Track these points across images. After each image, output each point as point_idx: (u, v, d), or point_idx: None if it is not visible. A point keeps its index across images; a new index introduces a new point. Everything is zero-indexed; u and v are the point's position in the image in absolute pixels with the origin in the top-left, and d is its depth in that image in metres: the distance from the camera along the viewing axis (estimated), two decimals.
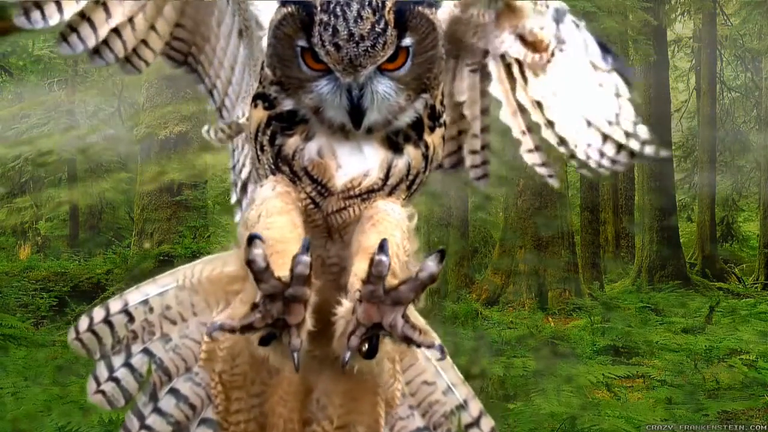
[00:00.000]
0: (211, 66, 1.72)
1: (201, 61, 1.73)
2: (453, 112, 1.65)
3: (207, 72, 1.74)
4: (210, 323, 1.30)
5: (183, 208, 10.54)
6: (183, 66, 1.73)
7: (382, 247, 1.20)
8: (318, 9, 1.33)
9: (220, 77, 1.73)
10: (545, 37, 1.58)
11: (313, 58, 1.36)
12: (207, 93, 1.77)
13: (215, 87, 1.75)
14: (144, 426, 1.53)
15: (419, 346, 1.23)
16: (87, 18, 1.52)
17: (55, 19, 1.47)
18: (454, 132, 1.67)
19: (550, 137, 1.63)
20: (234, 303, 1.45)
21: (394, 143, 1.43)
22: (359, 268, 1.30)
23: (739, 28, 17.20)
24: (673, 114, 17.53)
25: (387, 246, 1.21)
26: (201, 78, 1.75)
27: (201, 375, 1.53)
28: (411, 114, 1.42)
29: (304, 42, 1.35)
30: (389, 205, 1.43)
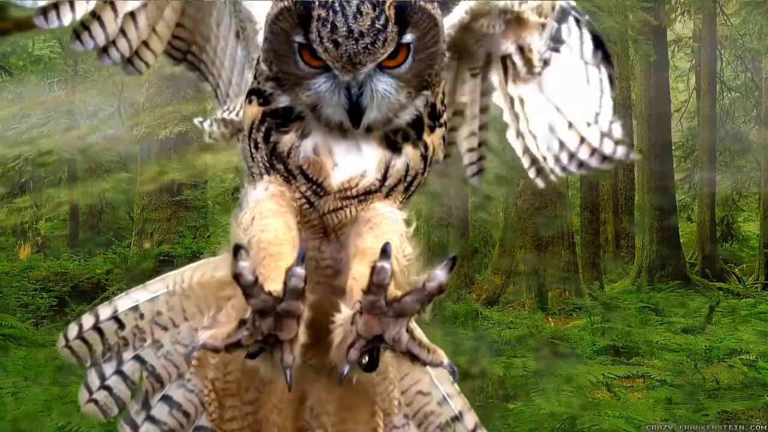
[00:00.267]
0: (213, 65, 1.70)
1: (203, 60, 1.71)
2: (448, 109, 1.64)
3: (210, 71, 1.71)
4: (191, 343, 1.27)
5: (183, 208, 10.54)
6: (184, 63, 1.71)
7: (384, 253, 1.13)
8: (316, 4, 1.28)
9: (221, 77, 1.70)
10: (535, 58, 1.58)
11: (311, 54, 1.31)
12: (212, 91, 1.75)
13: (218, 86, 1.72)
14: None
15: (426, 364, 1.16)
16: (98, 17, 1.52)
17: (68, 19, 1.48)
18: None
19: (520, 143, 1.66)
20: (224, 311, 1.42)
21: (392, 142, 1.39)
22: (357, 271, 1.26)
23: (739, 28, 17.20)
24: (673, 114, 17.53)
25: (390, 251, 1.13)
26: (204, 76, 1.73)
27: (194, 381, 1.50)
28: (411, 112, 1.38)
29: (301, 38, 1.30)
30: (387, 208, 1.38)
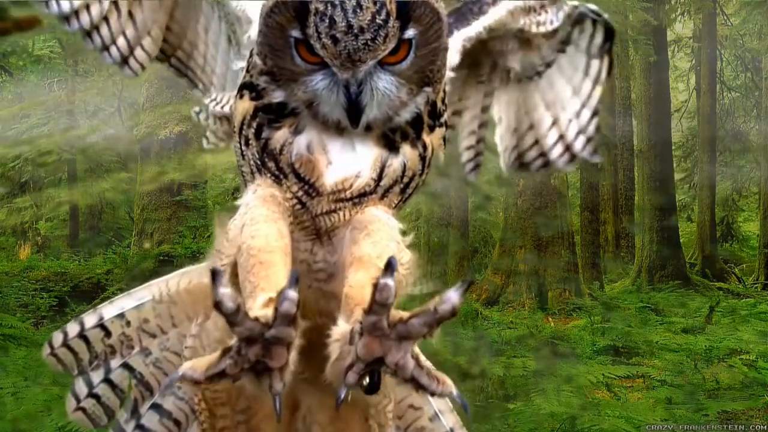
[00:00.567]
0: (204, 72, 1.65)
1: (190, 67, 1.65)
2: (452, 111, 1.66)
3: (199, 78, 1.66)
4: (169, 375, 1.23)
5: (183, 208, 10.54)
6: (171, 69, 1.67)
7: (388, 268, 1.04)
8: None
9: (213, 84, 1.65)
10: (539, 65, 1.64)
11: (308, 50, 1.25)
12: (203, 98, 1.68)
13: (210, 93, 1.66)
14: None
15: (434, 395, 1.08)
16: (105, 17, 1.53)
17: (65, 7, 1.51)
18: None
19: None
20: (213, 318, 1.35)
21: (390, 141, 1.33)
22: (354, 279, 1.20)
23: (739, 28, 17.20)
24: (673, 114, 17.52)
25: (394, 265, 1.04)
26: (194, 83, 1.68)
27: (184, 389, 1.46)
28: (412, 109, 1.32)
29: (297, 33, 1.24)
30: (383, 214, 1.33)
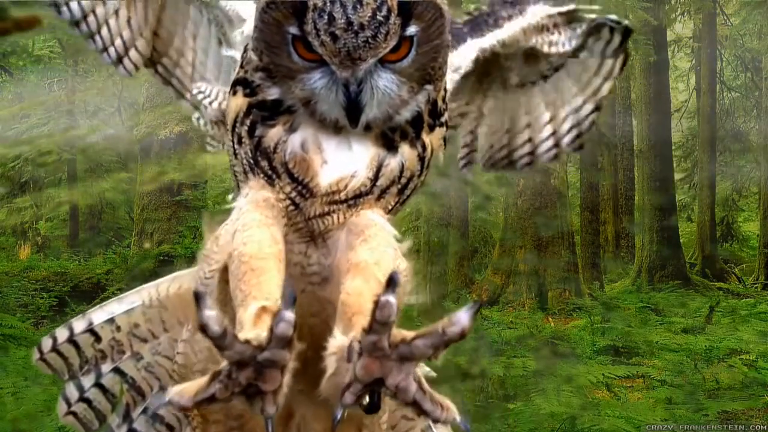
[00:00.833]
0: (192, 81, 1.59)
1: (177, 75, 1.60)
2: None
3: (186, 87, 1.60)
4: (157, 399, 1.22)
5: (183, 208, 10.54)
6: (157, 76, 1.61)
7: (390, 284, 0.97)
8: None
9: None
10: (546, 72, 1.66)
11: (306, 47, 1.21)
12: (193, 108, 1.62)
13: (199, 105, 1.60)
14: None
15: (436, 421, 1.02)
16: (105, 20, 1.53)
17: (77, 13, 1.52)
18: None
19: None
20: (196, 333, 1.28)
21: (389, 140, 1.28)
22: (351, 286, 1.17)
23: (739, 28, 17.20)
24: (673, 114, 17.52)
25: (397, 281, 0.97)
26: (180, 93, 1.62)
27: None
28: (412, 108, 1.28)
29: (295, 29, 1.20)
30: (380, 218, 1.29)
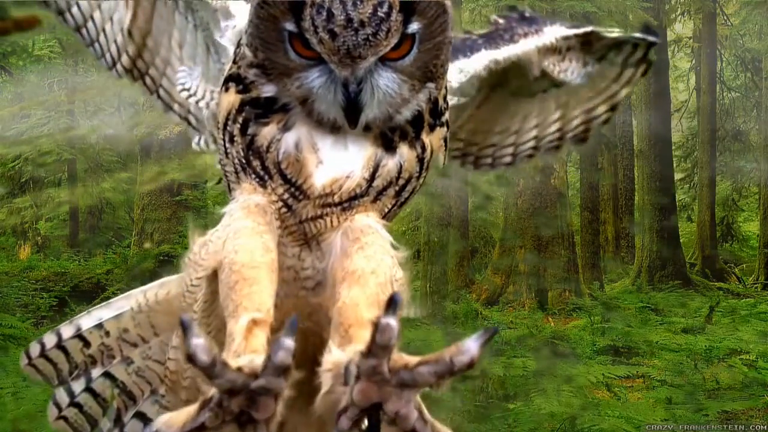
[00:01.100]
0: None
1: (164, 86, 1.54)
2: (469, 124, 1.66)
3: (175, 98, 1.54)
4: (148, 427, 1.20)
5: (183, 208, 10.54)
6: (144, 88, 1.57)
7: (390, 305, 0.92)
8: None
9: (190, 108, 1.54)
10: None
11: (304, 44, 1.16)
12: (182, 120, 1.57)
13: (188, 117, 1.55)
14: None
15: None
16: (103, 29, 1.53)
17: (80, 20, 1.53)
18: None
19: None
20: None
21: (388, 140, 1.24)
22: (348, 296, 1.13)
23: (739, 28, 17.19)
24: (673, 114, 17.51)
25: (398, 302, 0.92)
26: (168, 105, 1.56)
27: (168, 397, 1.40)
28: (413, 107, 1.23)
29: (292, 26, 1.15)
30: (376, 223, 1.24)
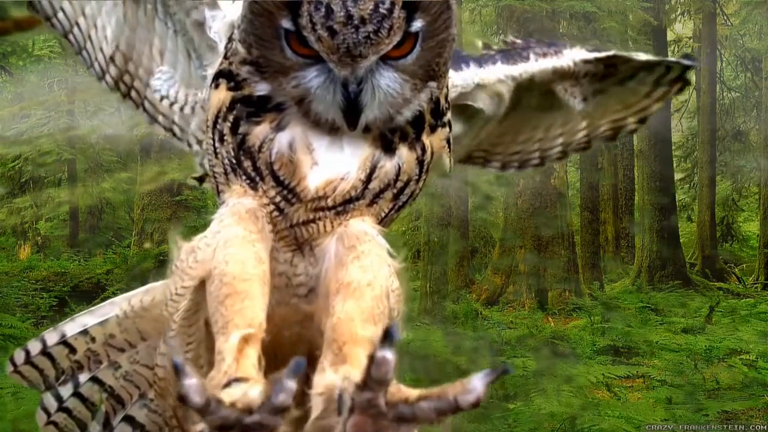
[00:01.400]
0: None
1: (148, 98, 1.49)
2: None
3: (159, 110, 1.49)
4: None
5: (183, 208, 10.55)
6: (129, 101, 1.53)
7: (386, 337, 0.89)
8: None
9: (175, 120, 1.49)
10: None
11: (301, 42, 1.10)
12: (167, 132, 1.51)
13: (172, 129, 1.49)
14: None
15: None
16: (89, 36, 1.52)
17: (66, 24, 1.52)
18: None
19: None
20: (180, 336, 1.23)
21: (387, 142, 1.19)
22: (343, 310, 1.08)
23: (739, 28, 17.19)
24: (673, 114, 17.52)
25: (394, 334, 0.89)
26: (153, 117, 1.51)
27: (157, 401, 1.38)
28: (414, 107, 1.19)
29: (289, 23, 1.09)
30: (371, 229, 1.18)
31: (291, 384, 0.88)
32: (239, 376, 0.99)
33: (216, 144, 1.21)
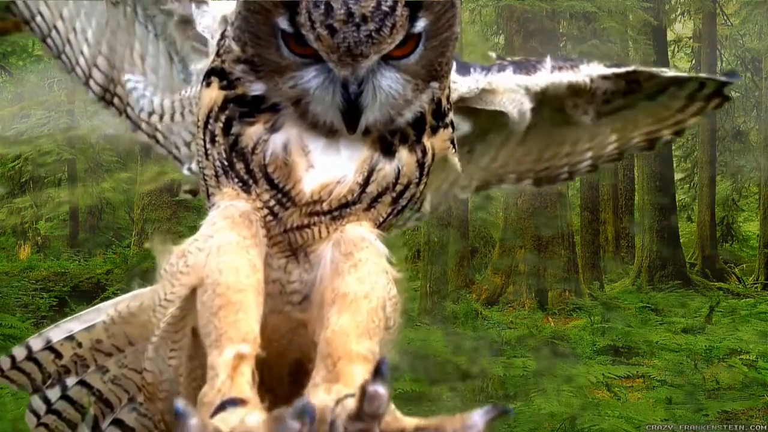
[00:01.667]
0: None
1: (131, 104, 1.45)
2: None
3: (141, 117, 1.45)
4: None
5: (183, 208, 10.55)
6: (112, 108, 1.49)
7: (377, 371, 0.86)
8: None
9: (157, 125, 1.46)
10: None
11: (299, 41, 1.07)
12: (150, 139, 1.47)
13: (155, 137, 1.46)
14: None
15: None
16: (68, 40, 1.48)
17: (45, 29, 1.48)
18: None
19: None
20: (159, 352, 1.21)
21: (387, 144, 1.15)
22: (338, 324, 1.04)
23: (739, 28, 17.20)
24: None
25: (385, 369, 0.86)
26: (136, 124, 1.47)
27: (146, 405, 1.35)
28: (416, 108, 1.15)
29: (286, 23, 1.05)
30: (370, 234, 1.14)
31: (295, 426, 0.85)
32: (235, 396, 0.96)
33: (207, 145, 1.17)
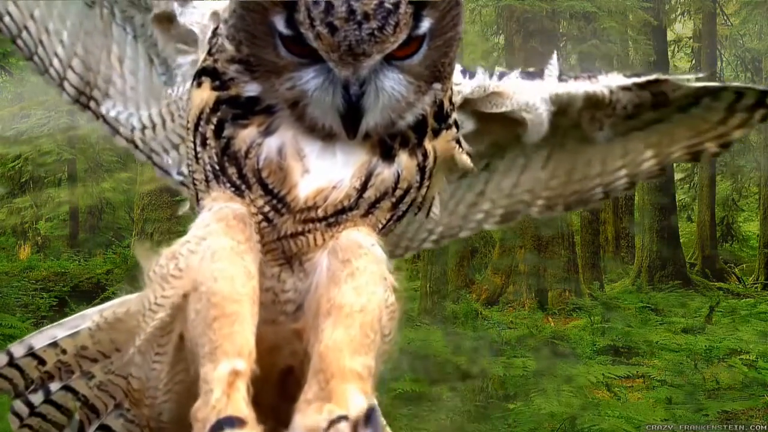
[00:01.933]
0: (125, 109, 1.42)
1: (122, 123, 1.42)
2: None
3: (121, 122, 1.43)
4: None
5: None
6: (89, 111, 1.45)
7: (368, 421, 0.88)
8: None
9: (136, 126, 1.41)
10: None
11: (297, 40, 1.02)
12: (128, 144, 1.44)
13: (134, 142, 1.43)
14: None
15: None
16: (40, 41, 1.44)
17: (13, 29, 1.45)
18: None
19: None
20: (146, 358, 1.17)
21: (387, 147, 1.10)
22: (332, 338, 1.01)
23: (739, 28, 17.19)
24: None
25: (376, 420, 0.88)
26: (115, 129, 1.44)
27: (133, 411, 1.32)
28: (417, 111, 1.10)
29: (283, 24, 1.00)
30: (368, 240, 1.10)
31: None
32: (232, 414, 0.93)
33: (197, 148, 1.12)
